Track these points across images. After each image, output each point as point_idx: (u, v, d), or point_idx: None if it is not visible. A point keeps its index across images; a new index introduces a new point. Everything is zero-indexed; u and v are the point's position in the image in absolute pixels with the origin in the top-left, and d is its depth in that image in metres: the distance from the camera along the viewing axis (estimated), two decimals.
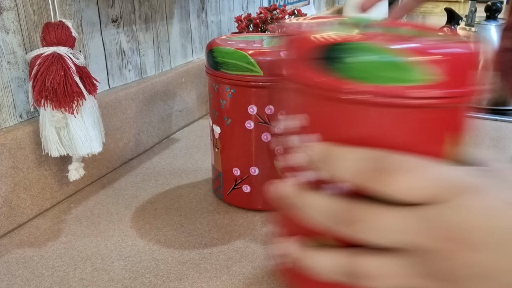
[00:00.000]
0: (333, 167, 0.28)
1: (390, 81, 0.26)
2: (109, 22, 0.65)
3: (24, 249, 0.48)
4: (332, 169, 0.28)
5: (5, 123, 0.51)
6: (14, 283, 0.43)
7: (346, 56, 0.27)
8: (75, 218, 0.54)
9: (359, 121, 0.28)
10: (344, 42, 0.27)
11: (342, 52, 0.27)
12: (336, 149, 0.28)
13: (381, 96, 0.26)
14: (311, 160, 0.29)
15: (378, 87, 0.26)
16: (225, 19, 0.97)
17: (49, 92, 0.48)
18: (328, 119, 0.29)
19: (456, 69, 0.27)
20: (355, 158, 0.27)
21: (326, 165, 0.28)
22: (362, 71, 0.26)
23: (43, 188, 0.54)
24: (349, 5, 1.59)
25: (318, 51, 0.27)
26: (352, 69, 0.27)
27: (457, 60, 0.27)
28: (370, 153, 0.27)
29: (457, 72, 0.27)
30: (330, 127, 0.29)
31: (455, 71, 0.27)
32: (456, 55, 0.27)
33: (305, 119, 0.30)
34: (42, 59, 0.48)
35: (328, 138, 0.29)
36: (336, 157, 0.27)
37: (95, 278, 0.44)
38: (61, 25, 0.49)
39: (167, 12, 0.77)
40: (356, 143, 0.28)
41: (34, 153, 0.52)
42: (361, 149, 0.27)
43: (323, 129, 0.30)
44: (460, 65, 0.27)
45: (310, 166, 0.29)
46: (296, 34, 0.30)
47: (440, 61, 0.26)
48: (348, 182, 0.28)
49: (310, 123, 0.30)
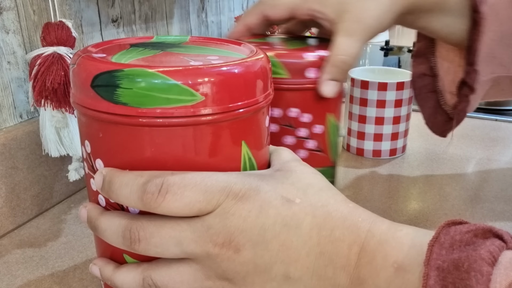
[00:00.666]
0: (114, 194, 0.30)
1: (160, 103, 0.28)
2: (109, 22, 0.65)
3: (24, 249, 0.48)
4: (114, 195, 0.30)
5: (5, 123, 0.51)
6: (14, 283, 0.43)
7: (116, 82, 0.29)
8: (75, 218, 0.54)
9: (135, 143, 0.30)
10: (116, 69, 0.29)
11: (114, 78, 0.29)
12: (114, 175, 0.30)
13: (151, 118, 0.29)
14: (97, 186, 0.31)
15: (150, 110, 0.28)
16: (225, 19, 0.97)
17: (49, 92, 0.48)
18: (106, 144, 0.31)
19: (217, 88, 0.29)
20: (130, 184, 0.29)
21: (109, 191, 0.30)
22: (133, 95, 0.28)
23: (43, 188, 0.54)
24: None
25: (94, 78, 0.29)
26: (124, 95, 0.29)
27: (218, 81, 0.29)
28: (142, 177, 0.29)
29: (219, 91, 0.29)
30: (109, 152, 0.31)
31: (216, 91, 0.29)
32: (219, 75, 0.29)
33: (89, 145, 0.32)
34: (42, 59, 0.48)
35: (110, 163, 0.31)
36: (114, 184, 0.30)
37: (94, 278, 0.44)
38: (61, 25, 0.49)
39: (167, 12, 0.77)
40: (136, 165, 0.30)
41: (34, 153, 0.53)
42: (134, 174, 0.29)
43: (103, 154, 0.32)
44: (222, 85, 0.30)
45: (100, 191, 0.31)
46: (80, 62, 0.31)
47: (200, 83, 0.29)
48: (130, 205, 0.30)
49: (92, 149, 0.32)
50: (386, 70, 0.76)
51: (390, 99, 0.66)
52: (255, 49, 0.35)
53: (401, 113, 0.68)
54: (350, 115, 0.70)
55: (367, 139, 0.69)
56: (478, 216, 0.54)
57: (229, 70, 0.30)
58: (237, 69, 0.30)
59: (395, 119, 0.68)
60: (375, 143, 0.69)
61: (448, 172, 0.66)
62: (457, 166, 0.68)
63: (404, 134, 0.70)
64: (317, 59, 0.44)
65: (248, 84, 0.31)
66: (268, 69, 0.33)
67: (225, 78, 0.30)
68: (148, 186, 0.28)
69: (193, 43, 0.38)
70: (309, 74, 0.44)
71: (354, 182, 0.63)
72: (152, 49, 0.35)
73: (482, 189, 0.61)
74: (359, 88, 0.68)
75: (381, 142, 0.69)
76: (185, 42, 0.39)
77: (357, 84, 0.68)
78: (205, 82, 0.29)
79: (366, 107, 0.68)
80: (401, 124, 0.69)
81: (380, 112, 0.67)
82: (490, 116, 0.88)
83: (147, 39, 0.39)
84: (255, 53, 0.34)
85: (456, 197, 0.59)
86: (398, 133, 0.69)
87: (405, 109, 0.68)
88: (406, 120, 0.69)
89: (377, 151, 0.70)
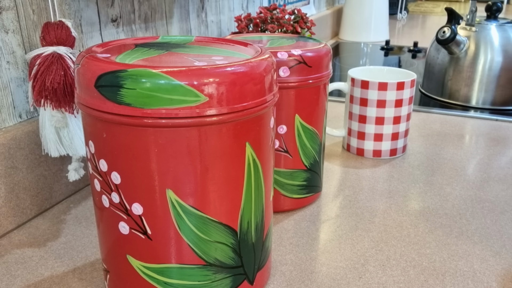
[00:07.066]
0: None
1: (164, 104, 0.28)
2: (108, 22, 0.64)
3: (24, 249, 0.48)
4: None
5: (4, 123, 0.51)
6: (13, 283, 0.43)
7: (120, 83, 0.29)
8: (75, 219, 0.54)
9: (139, 144, 0.30)
10: (120, 69, 0.29)
11: (118, 79, 0.29)
12: None
13: (156, 119, 0.29)
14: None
15: (154, 111, 0.28)
16: (225, 18, 0.97)
17: (48, 92, 0.48)
18: (110, 145, 0.31)
19: (221, 89, 0.29)
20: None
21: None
22: (137, 96, 0.28)
23: (42, 188, 0.54)
24: (349, 6, 1.59)
25: (98, 78, 0.29)
26: (128, 95, 0.29)
27: (223, 82, 0.29)
28: None
29: (223, 92, 0.29)
30: (113, 152, 0.31)
31: (220, 91, 0.29)
32: (223, 76, 0.29)
33: (93, 146, 0.32)
34: (41, 59, 0.48)
35: (113, 164, 0.31)
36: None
37: (94, 278, 0.44)
38: (61, 25, 0.49)
39: (166, 12, 0.77)
40: (139, 166, 0.30)
41: (34, 153, 0.52)
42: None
43: (107, 155, 0.32)
44: (227, 86, 0.29)
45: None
46: (84, 62, 0.31)
47: (205, 83, 0.29)
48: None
49: (96, 149, 0.32)
50: (386, 70, 0.75)
51: (390, 99, 0.66)
52: (260, 50, 0.35)
53: (402, 113, 0.68)
54: (350, 115, 0.70)
55: (367, 139, 0.69)
56: (478, 216, 0.54)
57: (233, 71, 0.30)
58: (241, 70, 0.30)
59: (395, 119, 0.68)
60: (375, 143, 0.69)
61: (448, 172, 0.66)
62: (457, 166, 0.68)
63: (405, 134, 0.70)
64: (285, 59, 0.44)
65: (252, 84, 0.31)
66: (273, 70, 0.33)
67: (229, 79, 0.29)
68: None
69: (199, 44, 0.38)
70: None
71: (354, 182, 0.62)
72: (157, 49, 0.35)
73: (482, 189, 0.61)
74: (359, 88, 0.67)
75: (381, 142, 0.69)
76: (191, 42, 0.39)
77: (357, 84, 0.68)
78: (209, 82, 0.29)
79: (366, 107, 0.68)
80: (401, 124, 0.69)
81: (380, 112, 0.67)
82: (490, 116, 0.88)
83: (152, 39, 0.39)
84: (260, 53, 0.34)
85: (456, 197, 0.59)
86: (399, 133, 0.69)
87: (406, 109, 0.68)
88: (406, 120, 0.69)
89: (377, 151, 0.70)
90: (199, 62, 0.31)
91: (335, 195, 0.59)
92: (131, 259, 0.33)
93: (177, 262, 0.34)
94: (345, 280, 0.44)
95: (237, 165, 0.32)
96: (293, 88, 0.48)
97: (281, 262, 0.46)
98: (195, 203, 0.32)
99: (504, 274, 0.45)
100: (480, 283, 0.43)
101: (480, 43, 0.92)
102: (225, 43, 0.39)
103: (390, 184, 0.63)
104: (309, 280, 0.44)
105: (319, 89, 0.51)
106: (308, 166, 0.53)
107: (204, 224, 0.33)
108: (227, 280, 0.36)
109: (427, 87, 1.02)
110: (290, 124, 0.49)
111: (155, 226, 0.33)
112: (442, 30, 0.92)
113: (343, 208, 0.56)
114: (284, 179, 0.53)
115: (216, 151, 0.31)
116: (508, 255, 0.48)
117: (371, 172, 0.66)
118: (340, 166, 0.68)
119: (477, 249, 0.48)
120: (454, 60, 0.95)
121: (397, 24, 2.06)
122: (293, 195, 0.54)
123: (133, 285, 0.35)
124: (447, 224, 0.53)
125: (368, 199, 0.58)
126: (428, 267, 0.46)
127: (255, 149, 0.33)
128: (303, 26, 0.90)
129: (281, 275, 0.44)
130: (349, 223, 0.53)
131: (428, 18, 2.22)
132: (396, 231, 0.52)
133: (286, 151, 0.50)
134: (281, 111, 0.48)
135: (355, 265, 0.46)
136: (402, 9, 2.14)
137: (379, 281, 0.44)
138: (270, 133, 0.35)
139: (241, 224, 0.35)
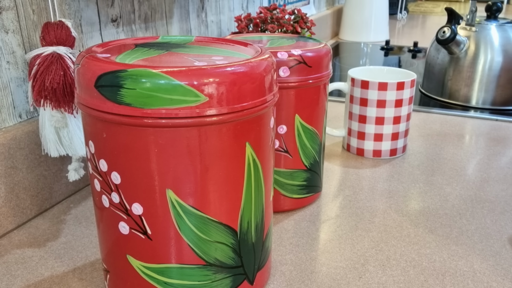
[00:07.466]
0: None
1: (164, 104, 0.28)
2: (108, 22, 0.64)
3: (24, 249, 0.48)
4: None
5: (4, 123, 0.51)
6: (13, 283, 0.43)
7: (120, 83, 0.29)
8: (75, 219, 0.54)
9: (139, 144, 0.30)
10: (119, 69, 0.29)
11: (118, 79, 0.29)
12: None
13: (155, 119, 0.29)
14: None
15: (154, 111, 0.28)
16: (225, 18, 0.97)
17: (48, 92, 0.48)
18: (110, 145, 0.31)
19: (221, 89, 0.29)
20: None
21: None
22: (137, 96, 0.28)
23: (42, 188, 0.54)
24: (349, 5, 1.59)
25: (98, 78, 0.29)
26: (128, 95, 0.29)
27: (223, 82, 0.29)
28: None
29: (223, 92, 0.29)
30: (113, 152, 0.31)
31: (220, 91, 0.29)
32: (223, 76, 0.29)
33: (93, 146, 0.32)
34: (41, 58, 0.48)
35: (113, 164, 0.31)
36: None
37: (94, 278, 0.44)
38: (61, 25, 0.49)
39: (166, 12, 0.77)
40: (139, 166, 0.30)
41: (34, 153, 0.52)
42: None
43: (107, 155, 0.32)
44: (227, 86, 0.29)
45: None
46: (84, 62, 0.31)
47: (204, 83, 0.29)
48: None
49: (96, 149, 0.32)
50: (386, 70, 0.75)
51: (390, 99, 0.66)
52: (260, 50, 0.35)
53: (402, 113, 0.68)
54: (350, 115, 0.70)
55: (367, 139, 0.69)
56: (478, 216, 0.54)
57: (233, 71, 0.30)
58: (241, 70, 0.30)
59: (395, 119, 0.68)
60: (375, 143, 0.69)
61: (448, 172, 0.66)
62: (457, 166, 0.68)
63: (405, 134, 0.70)
64: (285, 59, 0.44)
65: (253, 84, 0.31)
66: (273, 70, 0.33)
67: (229, 79, 0.29)
68: None
69: (199, 44, 0.38)
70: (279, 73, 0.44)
71: (354, 182, 0.62)
72: (157, 49, 0.35)
73: (482, 189, 0.61)
74: (359, 88, 0.67)
75: (381, 142, 0.69)
76: (191, 42, 0.39)
77: (357, 84, 0.68)
78: (209, 82, 0.29)
79: (366, 107, 0.67)
80: (401, 124, 0.69)
81: (380, 112, 0.67)
82: (490, 116, 0.88)
83: (152, 39, 0.39)
84: (260, 53, 0.34)
85: (456, 197, 0.59)
86: (399, 133, 0.69)
87: (406, 109, 0.68)
88: (406, 120, 0.69)
89: (377, 151, 0.70)
90: (199, 62, 0.31)
91: (335, 195, 0.59)
92: (131, 259, 0.33)
93: (177, 262, 0.34)
94: (345, 280, 0.44)
95: (237, 165, 0.32)
96: (293, 88, 0.48)
97: (281, 262, 0.46)
98: (195, 203, 0.32)
99: (504, 274, 0.45)
100: (480, 283, 0.43)
101: (480, 43, 0.92)
102: (225, 43, 0.39)
103: (390, 184, 0.63)
104: (309, 280, 0.44)
105: (319, 89, 0.51)
106: (308, 166, 0.53)
107: (204, 224, 0.33)
108: (227, 280, 0.36)
109: (427, 87, 1.02)
110: (290, 124, 0.49)
111: (155, 226, 0.33)
112: (442, 30, 0.92)
113: (343, 208, 0.56)
114: (284, 179, 0.53)
115: (216, 151, 0.31)
116: (508, 255, 0.48)
117: (371, 172, 0.66)
118: (340, 166, 0.68)
119: (477, 249, 0.48)
120: (454, 60, 0.95)
121: (397, 24, 2.06)
122: (293, 195, 0.54)
123: (133, 285, 0.35)
124: (447, 224, 0.53)
125: (368, 199, 0.58)
126: (428, 267, 0.46)
127: (255, 149, 0.33)
128: (303, 26, 0.90)
129: (281, 275, 0.44)
130: (349, 223, 0.53)
131: (428, 18, 2.22)
132: (396, 231, 0.52)
133: (286, 151, 0.50)
134: (281, 111, 0.48)
135: (355, 265, 0.46)
136: (402, 9, 2.14)
137: (379, 281, 0.44)
138: (270, 133, 0.35)
139: (241, 224, 0.35)
